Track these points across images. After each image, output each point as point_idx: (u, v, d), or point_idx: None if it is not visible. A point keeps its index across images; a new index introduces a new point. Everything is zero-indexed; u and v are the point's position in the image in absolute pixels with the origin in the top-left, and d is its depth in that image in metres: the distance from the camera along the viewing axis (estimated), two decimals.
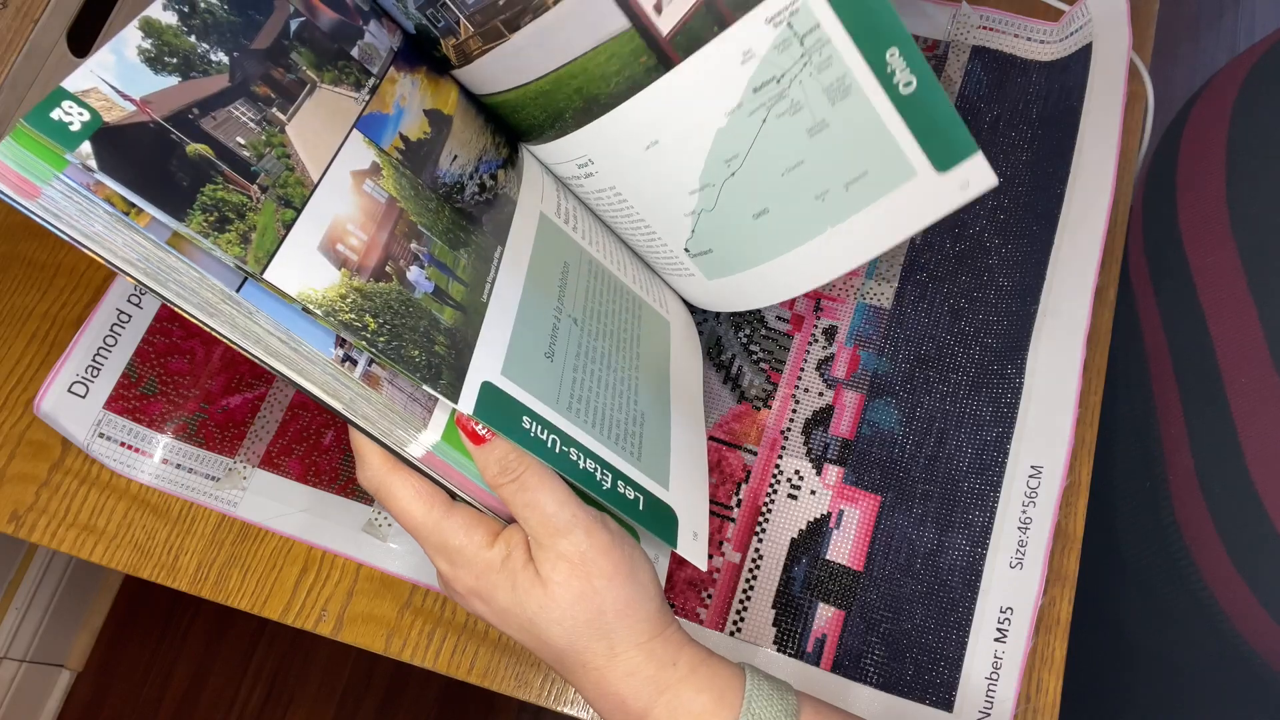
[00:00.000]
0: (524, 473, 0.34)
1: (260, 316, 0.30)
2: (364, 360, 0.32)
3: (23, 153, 0.26)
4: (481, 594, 0.35)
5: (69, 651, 1.28)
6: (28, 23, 0.52)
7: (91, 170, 0.26)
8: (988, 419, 0.48)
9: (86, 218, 0.27)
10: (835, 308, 0.52)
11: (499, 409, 0.34)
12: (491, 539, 0.35)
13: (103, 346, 0.50)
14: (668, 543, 0.38)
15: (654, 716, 0.34)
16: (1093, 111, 0.52)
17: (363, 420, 0.32)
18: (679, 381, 0.47)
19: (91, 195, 0.27)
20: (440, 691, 1.25)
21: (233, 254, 0.28)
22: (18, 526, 0.49)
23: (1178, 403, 0.47)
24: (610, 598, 0.34)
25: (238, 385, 0.51)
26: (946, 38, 0.57)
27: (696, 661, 0.36)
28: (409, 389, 0.33)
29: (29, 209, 0.27)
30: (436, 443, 0.33)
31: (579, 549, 0.34)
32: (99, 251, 0.28)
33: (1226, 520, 0.44)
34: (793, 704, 0.35)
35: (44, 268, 0.55)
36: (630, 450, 0.39)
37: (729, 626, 0.46)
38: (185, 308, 0.29)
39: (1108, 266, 0.51)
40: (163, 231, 0.28)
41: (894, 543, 0.47)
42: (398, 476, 0.34)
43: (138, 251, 0.28)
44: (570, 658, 0.35)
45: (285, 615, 0.48)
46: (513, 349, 0.36)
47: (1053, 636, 0.45)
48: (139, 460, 0.49)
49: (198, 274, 0.29)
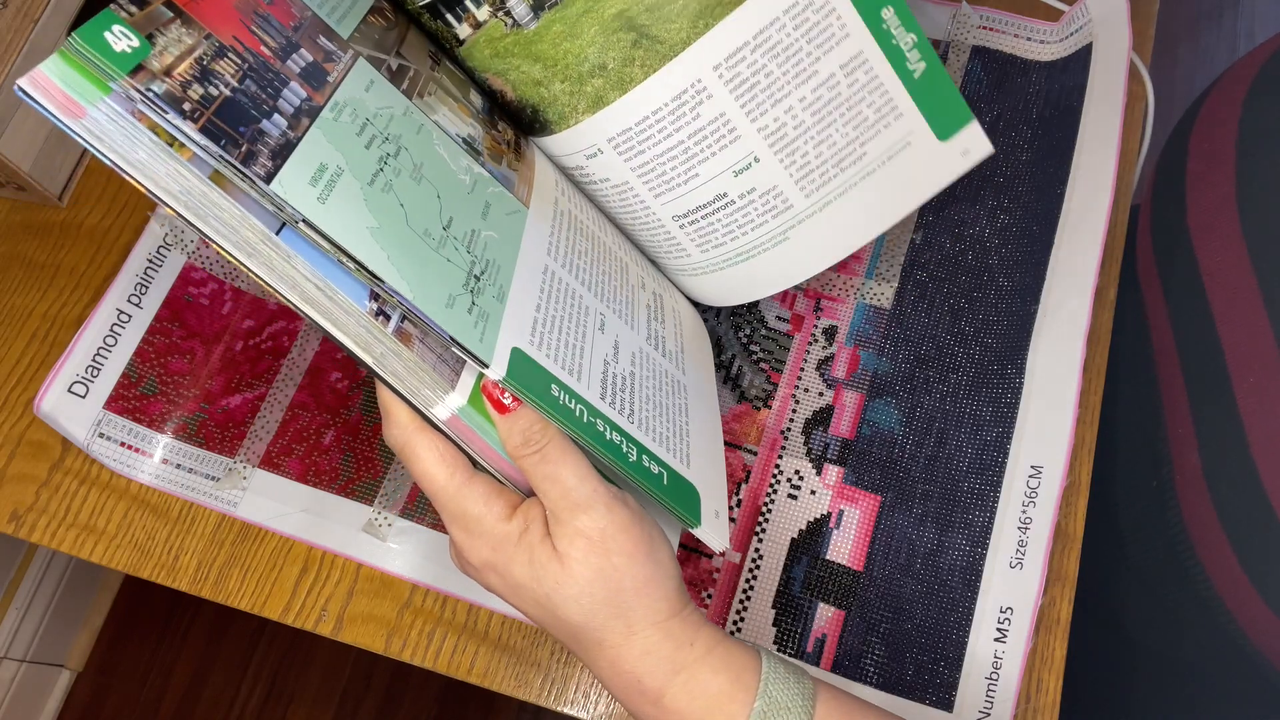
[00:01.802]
0: (547, 445, 0.34)
1: (298, 261, 0.30)
2: (397, 316, 0.32)
3: (69, 71, 0.26)
4: (497, 567, 0.35)
5: (69, 651, 1.28)
6: (28, 23, 0.52)
7: (134, 98, 0.26)
8: (988, 419, 0.48)
9: (130, 144, 0.27)
10: (835, 308, 0.52)
11: (528, 375, 0.34)
12: (510, 511, 0.35)
13: (103, 346, 0.50)
14: (690, 519, 0.37)
15: (670, 696, 0.34)
16: (1093, 111, 0.52)
17: (391, 376, 0.32)
18: (692, 366, 0.46)
19: (136, 123, 0.27)
20: (440, 691, 1.25)
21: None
22: (18, 526, 0.49)
23: (1185, 402, 0.47)
24: (629, 576, 0.34)
25: (238, 385, 0.51)
26: (946, 38, 0.57)
27: (713, 642, 0.35)
28: (439, 349, 0.33)
29: (73, 130, 0.27)
30: (462, 406, 0.33)
31: (598, 525, 0.34)
32: (141, 180, 0.28)
33: (1233, 519, 0.44)
34: (809, 688, 0.35)
35: (44, 268, 0.55)
36: (650, 427, 0.39)
37: (729, 626, 0.46)
38: (224, 245, 0.29)
39: (1108, 266, 0.51)
40: (205, 166, 0.28)
41: (894, 543, 0.47)
42: (424, 437, 0.34)
43: (180, 184, 0.28)
44: (585, 635, 0.35)
45: (285, 615, 0.48)
46: (539, 319, 0.36)
47: (1053, 636, 0.45)
48: (139, 460, 0.49)
49: (239, 212, 0.29)
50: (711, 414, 0.46)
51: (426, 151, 0.36)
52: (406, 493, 0.49)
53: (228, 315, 0.52)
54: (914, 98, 0.41)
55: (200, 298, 0.53)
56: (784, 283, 0.46)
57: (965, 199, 0.52)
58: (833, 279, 0.52)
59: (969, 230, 0.52)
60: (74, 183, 0.57)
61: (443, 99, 0.40)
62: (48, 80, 0.26)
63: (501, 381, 0.33)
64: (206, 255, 0.53)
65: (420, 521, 0.48)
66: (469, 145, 0.39)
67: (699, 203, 0.43)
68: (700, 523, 0.38)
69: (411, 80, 0.39)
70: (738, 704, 0.34)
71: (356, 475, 0.49)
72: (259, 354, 0.52)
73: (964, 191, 0.53)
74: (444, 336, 0.32)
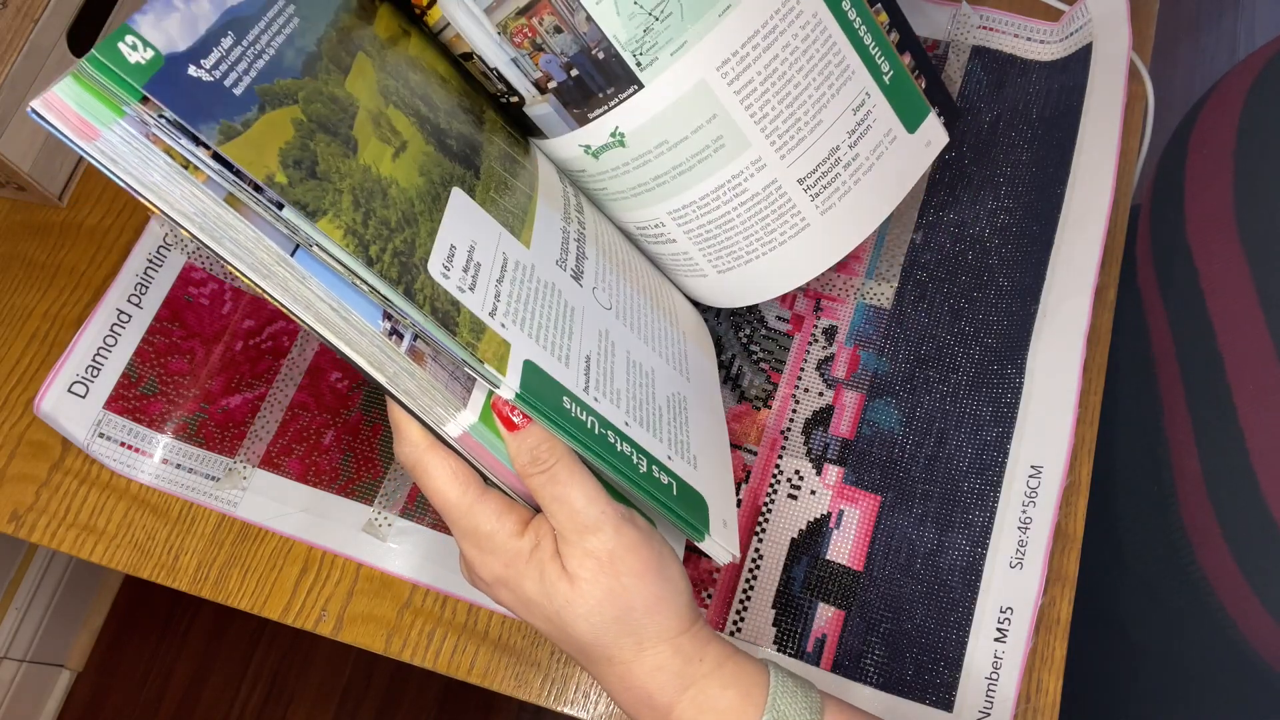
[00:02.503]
0: (555, 465, 0.34)
1: (312, 283, 0.30)
2: (409, 336, 0.32)
3: (83, 94, 0.26)
4: (508, 583, 0.35)
5: (69, 651, 1.28)
6: (28, 23, 0.52)
7: (148, 122, 0.26)
8: (988, 419, 0.48)
9: (145, 166, 0.27)
10: (835, 308, 0.52)
11: (541, 388, 0.34)
12: (522, 527, 0.35)
13: (103, 346, 0.50)
14: (699, 529, 0.37)
15: (679, 711, 0.34)
16: (1093, 111, 0.52)
17: (404, 395, 0.32)
18: (696, 372, 0.46)
19: (150, 145, 0.27)
20: (440, 691, 1.25)
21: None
22: (18, 526, 0.49)
23: (1184, 405, 0.47)
24: (640, 595, 0.34)
25: (238, 385, 0.51)
26: (946, 38, 0.57)
27: (723, 657, 0.35)
28: (450, 367, 0.33)
29: (87, 152, 0.26)
30: (474, 423, 0.33)
31: (607, 547, 0.34)
32: (155, 202, 0.28)
33: (1232, 523, 0.44)
34: (816, 702, 0.35)
35: (44, 268, 0.55)
36: (659, 435, 0.39)
37: (729, 626, 0.46)
38: (239, 267, 0.29)
39: (1108, 266, 0.51)
40: (220, 189, 0.28)
41: (894, 543, 0.47)
42: (436, 455, 0.34)
43: (194, 205, 0.28)
44: (595, 652, 0.35)
45: (285, 615, 0.48)
46: (549, 330, 0.36)
47: (1053, 636, 0.45)
48: (139, 460, 0.49)
49: (254, 234, 0.29)
50: (717, 421, 0.46)
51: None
52: (406, 493, 0.49)
53: (228, 315, 0.52)
54: (885, 93, 0.44)
55: (200, 298, 0.53)
56: (788, 285, 0.46)
57: (965, 199, 0.52)
58: (833, 279, 0.52)
59: (969, 230, 0.52)
60: (74, 183, 0.57)
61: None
62: (61, 103, 0.26)
63: (515, 398, 0.33)
64: (206, 256, 0.53)
65: (420, 521, 0.48)
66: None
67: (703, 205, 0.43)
68: (709, 531, 0.38)
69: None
70: (747, 719, 0.34)
71: (356, 475, 0.49)
72: (259, 354, 0.52)
73: (964, 191, 0.53)
74: (456, 357, 0.32)
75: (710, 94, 0.40)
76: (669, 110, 0.40)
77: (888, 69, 0.44)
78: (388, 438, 0.50)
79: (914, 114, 0.45)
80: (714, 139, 0.41)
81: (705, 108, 0.40)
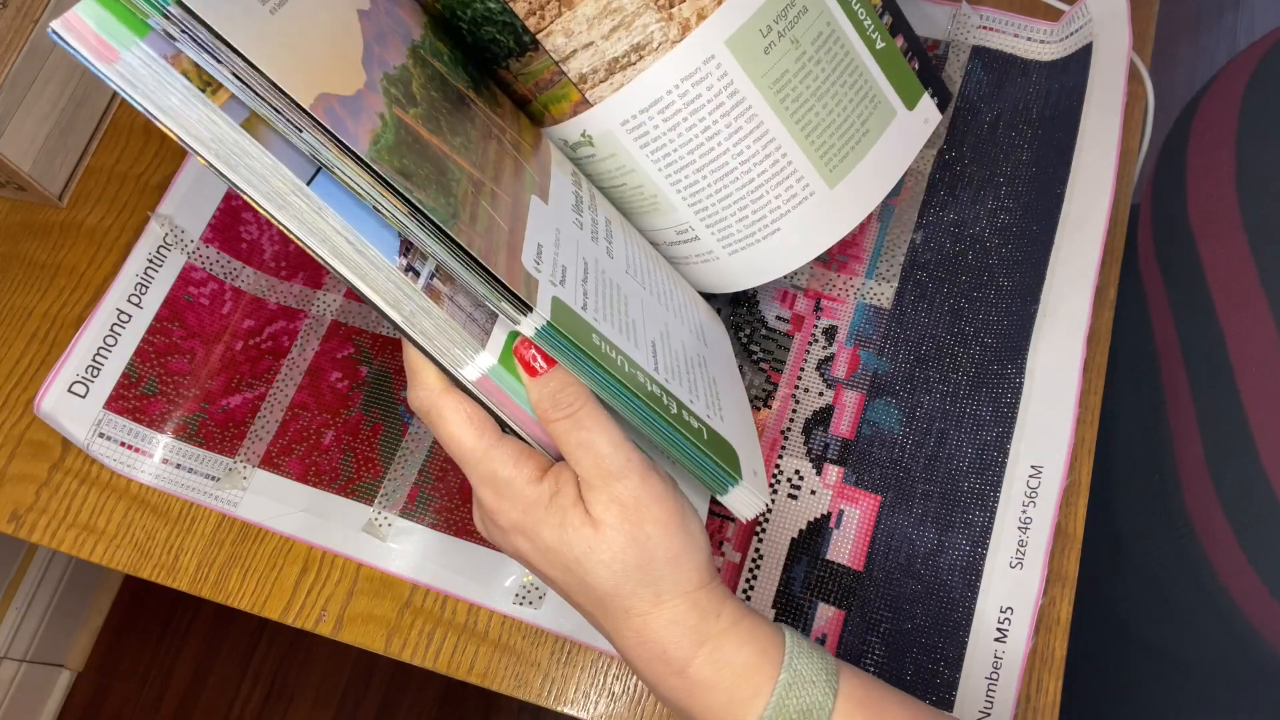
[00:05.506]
0: (579, 410, 0.33)
1: (328, 214, 0.29)
2: (426, 273, 0.31)
3: (104, 14, 0.26)
4: (526, 530, 0.35)
5: (69, 651, 1.28)
6: (28, 23, 0.52)
7: (174, 36, 0.26)
8: (988, 419, 0.48)
9: (163, 90, 0.27)
10: (835, 307, 0.52)
11: (571, 323, 0.33)
12: (540, 474, 0.34)
13: (103, 346, 0.50)
14: (731, 474, 0.36)
15: (695, 666, 0.34)
16: (1093, 111, 0.52)
17: (420, 336, 0.31)
18: (714, 345, 0.46)
19: (169, 67, 0.26)
20: (440, 691, 1.26)
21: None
22: (18, 526, 0.49)
23: (1188, 394, 0.47)
24: (662, 546, 0.34)
25: (238, 385, 0.51)
26: (946, 38, 0.57)
27: (739, 615, 0.35)
28: (469, 307, 0.32)
29: (105, 74, 0.26)
30: (493, 365, 0.32)
31: (633, 493, 0.33)
32: (172, 126, 0.27)
33: (1238, 510, 0.44)
34: (832, 665, 0.35)
35: (44, 268, 0.55)
36: (682, 384, 0.38)
37: None
38: (254, 196, 0.28)
39: (1108, 266, 0.51)
40: (239, 112, 0.28)
41: (894, 543, 0.47)
42: (451, 399, 0.33)
43: (211, 131, 0.27)
44: (612, 602, 0.34)
45: (285, 615, 0.48)
46: (571, 274, 0.35)
47: (1053, 636, 0.45)
48: (139, 460, 0.49)
49: (270, 161, 0.28)
50: (738, 385, 0.45)
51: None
52: (406, 493, 0.49)
53: (228, 315, 0.53)
54: (884, 72, 0.45)
55: (200, 298, 0.53)
56: (800, 260, 0.46)
57: (965, 199, 0.52)
58: (833, 279, 0.52)
59: (969, 230, 0.52)
60: (74, 183, 0.57)
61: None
62: (81, 23, 0.25)
63: (545, 329, 0.32)
64: (206, 255, 0.53)
65: (420, 521, 0.48)
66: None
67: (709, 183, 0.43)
68: (741, 478, 0.37)
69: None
70: (763, 676, 0.34)
71: (356, 475, 0.49)
72: (259, 354, 0.52)
73: (964, 191, 0.53)
74: (482, 279, 0.31)
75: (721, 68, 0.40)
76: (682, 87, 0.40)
77: (881, 44, 0.45)
78: (388, 438, 0.50)
79: (911, 90, 0.46)
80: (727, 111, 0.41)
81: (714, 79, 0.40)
